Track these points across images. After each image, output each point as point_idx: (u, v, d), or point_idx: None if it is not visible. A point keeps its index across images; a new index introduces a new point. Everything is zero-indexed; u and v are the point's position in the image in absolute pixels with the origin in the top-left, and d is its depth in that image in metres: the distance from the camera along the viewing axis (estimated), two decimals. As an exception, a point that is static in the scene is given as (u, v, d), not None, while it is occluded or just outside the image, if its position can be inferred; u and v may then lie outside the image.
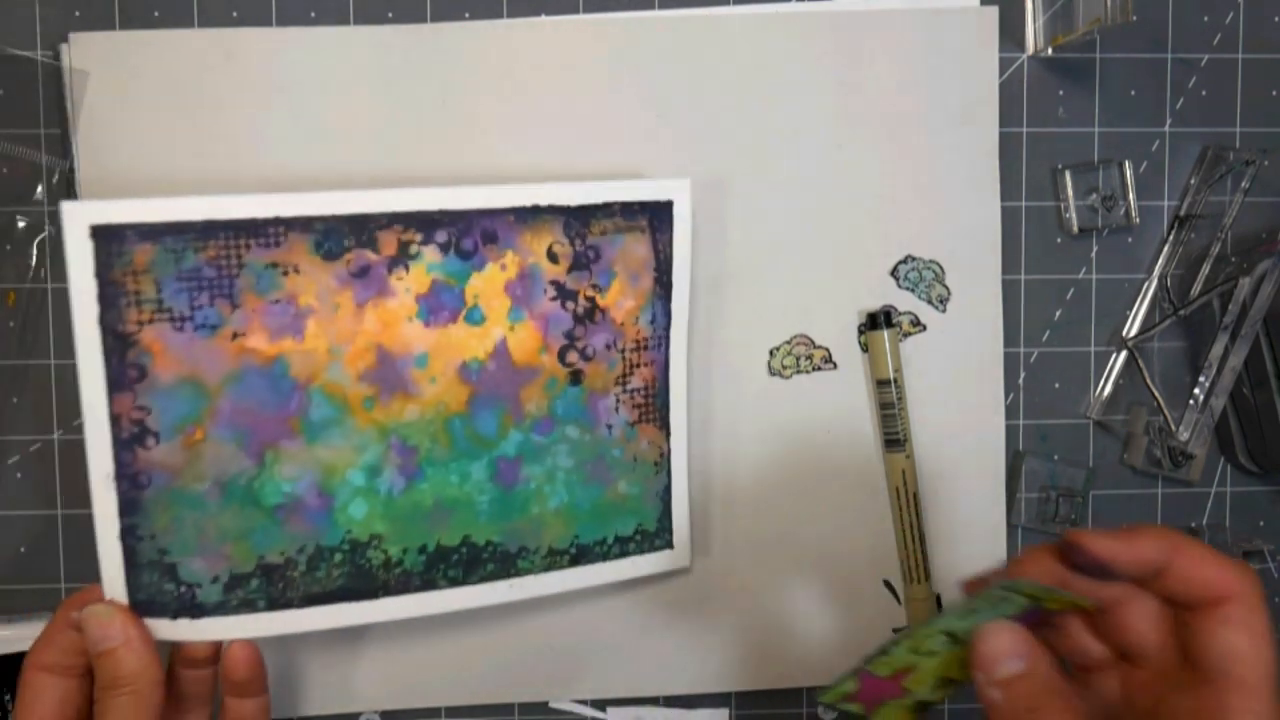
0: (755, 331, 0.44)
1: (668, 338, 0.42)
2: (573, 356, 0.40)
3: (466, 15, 0.43)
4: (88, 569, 0.44)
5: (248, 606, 0.38)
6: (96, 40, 0.42)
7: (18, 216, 0.43)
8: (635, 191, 0.40)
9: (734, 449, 0.44)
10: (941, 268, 0.44)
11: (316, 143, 0.42)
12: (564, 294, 0.40)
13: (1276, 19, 0.45)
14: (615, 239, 0.40)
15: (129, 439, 0.36)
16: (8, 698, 0.42)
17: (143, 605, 0.37)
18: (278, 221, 0.36)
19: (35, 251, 0.43)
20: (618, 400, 0.41)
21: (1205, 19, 0.45)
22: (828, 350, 0.44)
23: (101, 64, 0.42)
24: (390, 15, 0.43)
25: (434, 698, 0.44)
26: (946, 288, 0.44)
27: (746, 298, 0.44)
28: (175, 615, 0.37)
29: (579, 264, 0.40)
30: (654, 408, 0.42)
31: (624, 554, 0.42)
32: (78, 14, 0.42)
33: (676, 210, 0.41)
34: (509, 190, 0.39)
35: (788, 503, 0.44)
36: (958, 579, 0.34)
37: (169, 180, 0.42)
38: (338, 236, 0.37)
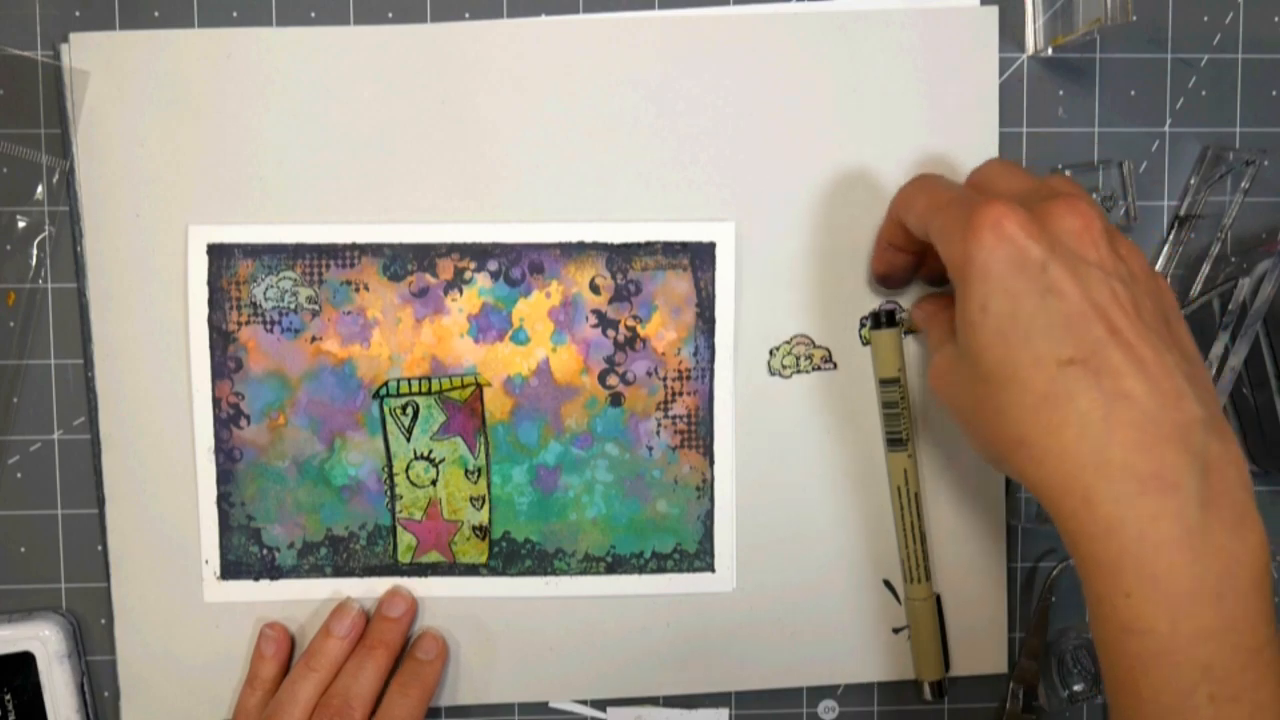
0: (755, 331, 0.44)
1: (712, 370, 0.43)
2: (613, 380, 0.43)
3: (466, 15, 0.43)
4: (88, 569, 0.44)
5: (317, 572, 0.43)
6: (96, 40, 0.42)
7: (18, 216, 0.43)
8: (678, 232, 0.42)
9: (733, 449, 0.44)
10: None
11: (316, 143, 0.42)
12: (605, 322, 0.43)
13: (1276, 19, 0.45)
14: (656, 275, 0.43)
15: (226, 419, 0.43)
16: (8, 697, 0.42)
17: (232, 566, 0.43)
18: (353, 247, 0.42)
19: (35, 251, 0.43)
20: (659, 424, 0.43)
21: (1205, 19, 0.45)
22: (828, 350, 0.44)
23: (101, 64, 0.42)
24: (390, 15, 0.43)
25: (434, 698, 0.44)
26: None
27: (746, 297, 0.44)
28: (258, 577, 0.43)
29: (620, 296, 0.43)
30: (697, 435, 0.44)
31: (661, 570, 0.44)
32: (78, 14, 0.42)
33: (719, 251, 0.43)
34: (555, 228, 0.43)
35: (787, 503, 0.44)
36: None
37: (168, 180, 0.42)
38: (403, 261, 0.42)
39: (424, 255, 0.43)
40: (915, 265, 0.42)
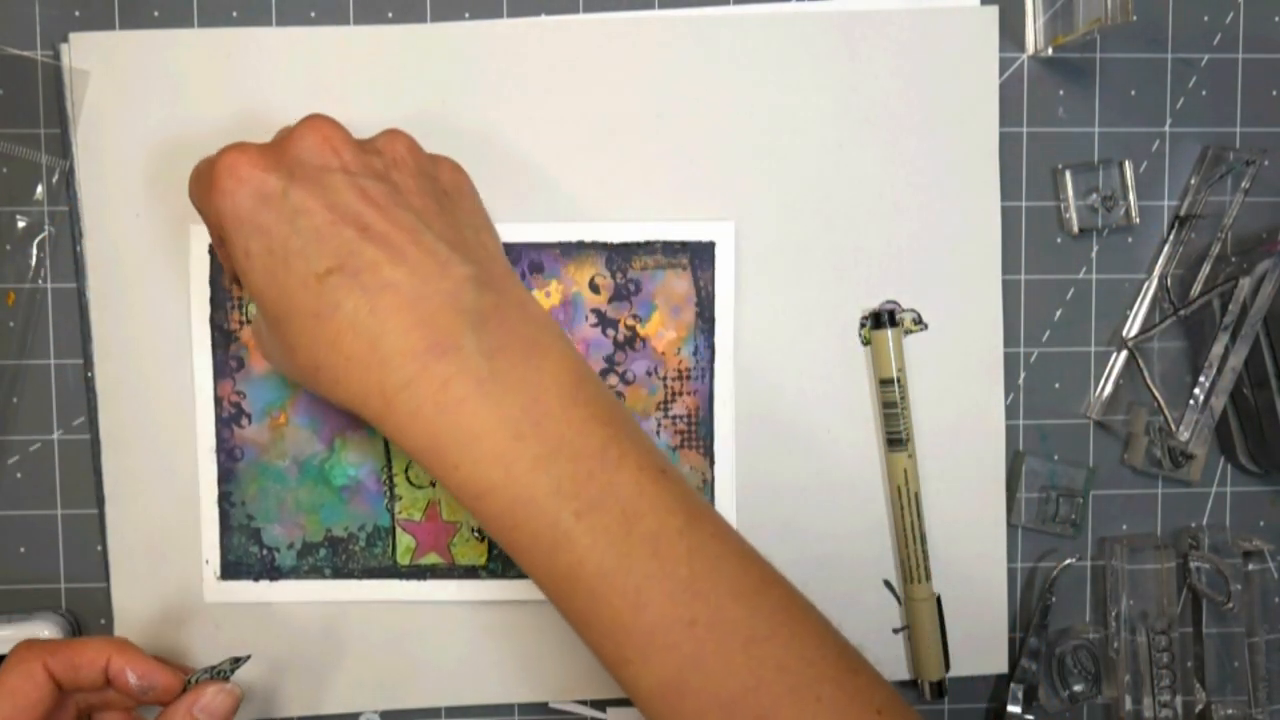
0: (755, 331, 0.44)
1: (711, 370, 0.43)
2: (612, 379, 0.43)
3: (466, 15, 0.43)
4: (87, 569, 0.44)
5: (316, 573, 0.43)
6: (96, 40, 0.42)
7: (18, 216, 0.43)
8: (677, 232, 0.42)
9: (733, 449, 0.44)
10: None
11: (316, 143, 0.42)
12: (605, 322, 0.43)
13: (1276, 19, 0.45)
14: (656, 274, 0.43)
15: (228, 418, 0.43)
16: (8, 698, 0.42)
17: (232, 566, 0.43)
18: None
19: (35, 251, 0.43)
20: (659, 424, 0.43)
21: (1205, 19, 0.45)
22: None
23: (101, 64, 0.42)
24: (390, 15, 0.43)
25: (434, 698, 0.44)
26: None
27: (746, 297, 0.44)
28: (258, 577, 0.43)
29: (619, 295, 0.43)
30: (697, 435, 0.43)
31: None
32: (78, 14, 0.42)
33: (719, 250, 0.43)
34: (555, 227, 0.43)
35: (787, 503, 0.44)
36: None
37: (168, 180, 0.42)
38: None
39: None
40: None
